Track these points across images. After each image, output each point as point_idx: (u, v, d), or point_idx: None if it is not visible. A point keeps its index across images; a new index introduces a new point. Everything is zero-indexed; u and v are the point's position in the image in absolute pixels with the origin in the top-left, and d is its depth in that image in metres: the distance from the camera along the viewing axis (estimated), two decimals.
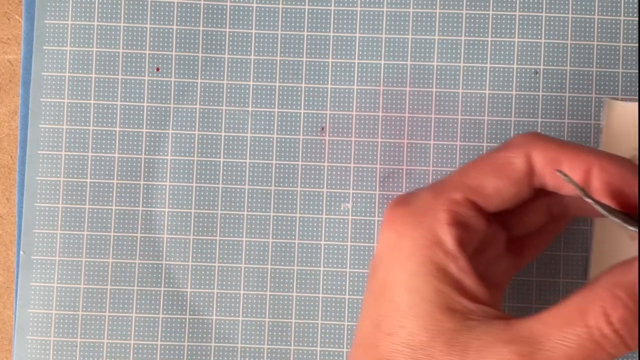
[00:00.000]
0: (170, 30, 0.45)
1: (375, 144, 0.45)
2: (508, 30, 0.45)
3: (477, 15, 0.45)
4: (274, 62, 0.45)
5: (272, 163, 0.45)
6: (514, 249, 0.41)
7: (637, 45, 0.44)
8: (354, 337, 0.38)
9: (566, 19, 0.45)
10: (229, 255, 0.45)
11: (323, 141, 0.45)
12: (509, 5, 0.45)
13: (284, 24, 0.45)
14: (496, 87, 0.45)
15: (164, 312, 0.45)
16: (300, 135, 0.45)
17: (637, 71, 0.44)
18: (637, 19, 0.45)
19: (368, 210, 0.45)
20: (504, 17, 0.45)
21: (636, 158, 0.43)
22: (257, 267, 0.45)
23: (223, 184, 0.45)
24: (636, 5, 0.45)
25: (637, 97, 0.44)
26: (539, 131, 0.44)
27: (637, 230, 0.36)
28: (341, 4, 0.45)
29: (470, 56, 0.45)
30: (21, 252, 0.45)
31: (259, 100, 0.45)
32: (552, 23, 0.45)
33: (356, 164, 0.45)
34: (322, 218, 0.45)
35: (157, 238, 0.45)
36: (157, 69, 0.45)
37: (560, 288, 0.44)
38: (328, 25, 0.45)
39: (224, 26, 0.45)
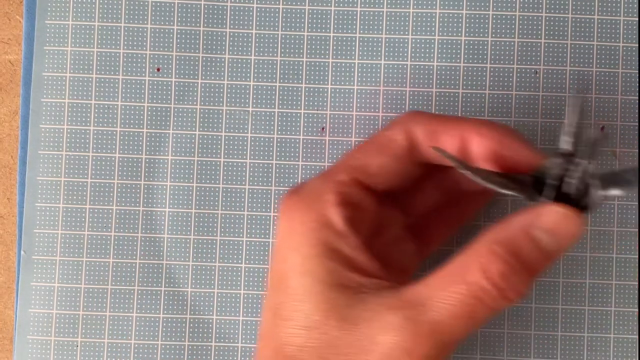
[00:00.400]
0: (171, 31, 0.45)
1: None
2: (508, 30, 0.45)
3: (477, 15, 0.45)
4: (274, 62, 0.45)
5: (272, 163, 0.45)
6: (416, 232, 0.41)
7: (637, 45, 0.44)
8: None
9: (566, 19, 0.45)
10: (230, 255, 0.45)
11: (323, 141, 0.45)
12: (509, 5, 0.45)
13: (284, 24, 0.45)
14: (496, 87, 0.45)
15: (165, 311, 0.45)
16: (300, 135, 0.45)
17: (637, 71, 0.44)
18: (637, 19, 0.44)
19: None
20: (504, 17, 0.45)
21: None
22: (258, 267, 0.45)
23: (223, 184, 0.45)
24: (636, 5, 0.45)
25: (637, 97, 0.44)
26: (539, 132, 0.44)
27: (511, 193, 0.36)
28: (341, 4, 0.45)
29: (470, 56, 0.45)
30: (22, 252, 0.45)
31: (259, 101, 0.45)
32: (552, 23, 0.45)
33: None
34: None
35: (157, 238, 0.45)
36: (158, 69, 0.45)
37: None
38: (328, 26, 0.45)
39: (224, 26, 0.45)
